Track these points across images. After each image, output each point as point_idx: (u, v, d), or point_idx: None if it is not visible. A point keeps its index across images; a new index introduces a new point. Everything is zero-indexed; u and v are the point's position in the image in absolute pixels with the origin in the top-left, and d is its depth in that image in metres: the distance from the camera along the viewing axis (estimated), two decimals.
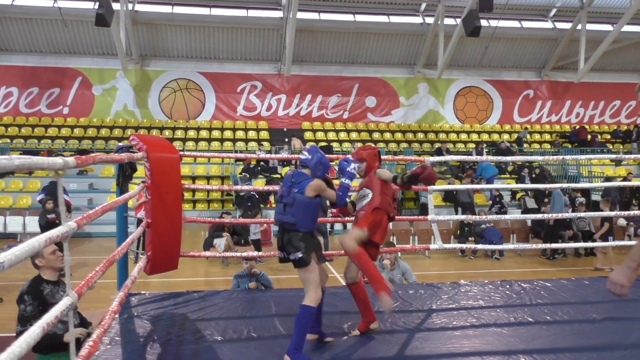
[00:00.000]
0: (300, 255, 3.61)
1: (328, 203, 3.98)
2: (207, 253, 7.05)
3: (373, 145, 4.20)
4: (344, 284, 4.24)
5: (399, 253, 7.51)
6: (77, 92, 20.10)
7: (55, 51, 19.86)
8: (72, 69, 19.99)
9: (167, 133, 19.74)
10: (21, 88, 19.76)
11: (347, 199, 3.89)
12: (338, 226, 15.27)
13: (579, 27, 20.40)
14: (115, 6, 16.44)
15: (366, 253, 3.83)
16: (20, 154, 16.03)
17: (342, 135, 20.88)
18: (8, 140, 18.21)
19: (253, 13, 20.17)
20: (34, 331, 2.00)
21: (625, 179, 15.88)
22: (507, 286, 5.37)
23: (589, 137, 21.14)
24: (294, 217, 3.66)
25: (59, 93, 19.99)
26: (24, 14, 18.79)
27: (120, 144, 4.62)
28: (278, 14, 20.14)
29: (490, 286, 5.40)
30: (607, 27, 20.61)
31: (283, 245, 3.71)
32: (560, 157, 6.64)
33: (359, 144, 19.35)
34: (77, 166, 2.54)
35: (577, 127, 22.20)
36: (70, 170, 2.55)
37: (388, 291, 3.65)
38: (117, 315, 4.04)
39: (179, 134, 19.94)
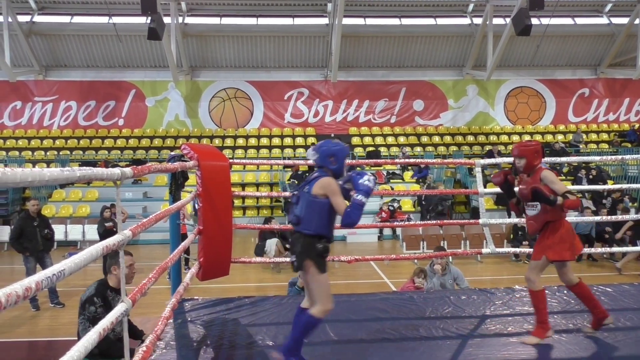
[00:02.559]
0: (294, 259, 3.42)
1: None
2: (258, 259, 7.13)
3: (532, 141, 3.76)
4: (394, 289, 4.18)
5: (451, 258, 7.37)
6: (131, 104, 20.83)
7: (111, 65, 20.68)
8: (126, 82, 20.74)
9: (217, 142, 20.15)
10: (79, 102, 20.64)
11: (357, 219, 3.30)
12: (387, 231, 15.16)
13: (637, 21, 19.55)
14: (166, 20, 16.97)
15: (545, 294, 3.88)
16: (79, 165, 16.77)
17: (390, 140, 20.74)
18: (68, 152, 19.04)
19: (299, 21, 20.36)
20: (91, 336, 2.07)
21: None
22: (565, 291, 5.16)
23: None
24: (296, 217, 3.43)
25: (114, 105, 20.77)
26: (82, 31, 19.68)
27: (172, 153, 4.75)
28: (324, 20, 20.26)
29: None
30: None
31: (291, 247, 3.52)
32: (619, 157, 6.38)
33: (408, 148, 19.19)
34: (133, 176, 2.63)
35: (637, 125, 21.25)
36: (127, 179, 2.63)
37: (542, 337, 3.79)
38: (171, 321, 4.15)
39: (229, 142, 20.31)
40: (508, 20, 17.59)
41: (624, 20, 20.41)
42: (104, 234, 9.45)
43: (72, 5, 19.58)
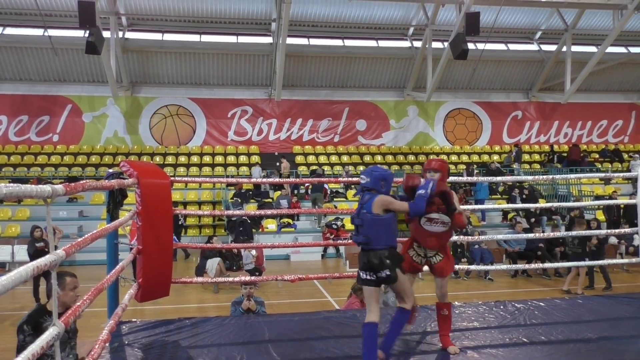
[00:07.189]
0: (388, 272, 3.72)
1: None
2: (199, 279, 6.96)
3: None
4: (338, 307, 4.22)
5: None
6: (67, 120, 20.08)
7: (46, 79, 19.89)
8: (62, 97, 19.99)
9: (157, 159, 19.71)
10: (10, 116, 19.70)
11: (422, 209, 3.82)
12: (331, 249, 15.18)
13: (564, 49, 20.77)
14: (106, 34, 16.56)
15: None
16: (9, 182, 15.89)
17: (334, 159, 20.95)
18: None
19: (243, 39, 20.35)
20: None
21: (610, 197, 16.12)
22: (501, 307, 5.34)
23: (582, 155, 21.36)
24: (366, 237, 3.79)
25: (48, 121, 19.95)
26: (15, 43, 18.86)
27: (110, 170, 4.60)
28: (268, 39, 20.34)
29: (484, 307, 5.37)
30: (592, 49, 20.98)
31: (366, 266, 3.80)
32: (550, 176, 6.70)
33: (351, 167, 19.42)
34: (65, 194, 2.53)
35: (568, 146, 22.38)
36: (60, 197, 2.53)
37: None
38: (107, 344, 3.98)
39: (170, 159, 19.91)
40: (446, 44, 18.25)
41: (553, 47, 21.64)
42: (35, 254, 9.01)
43: (4, 16, 18.72)
